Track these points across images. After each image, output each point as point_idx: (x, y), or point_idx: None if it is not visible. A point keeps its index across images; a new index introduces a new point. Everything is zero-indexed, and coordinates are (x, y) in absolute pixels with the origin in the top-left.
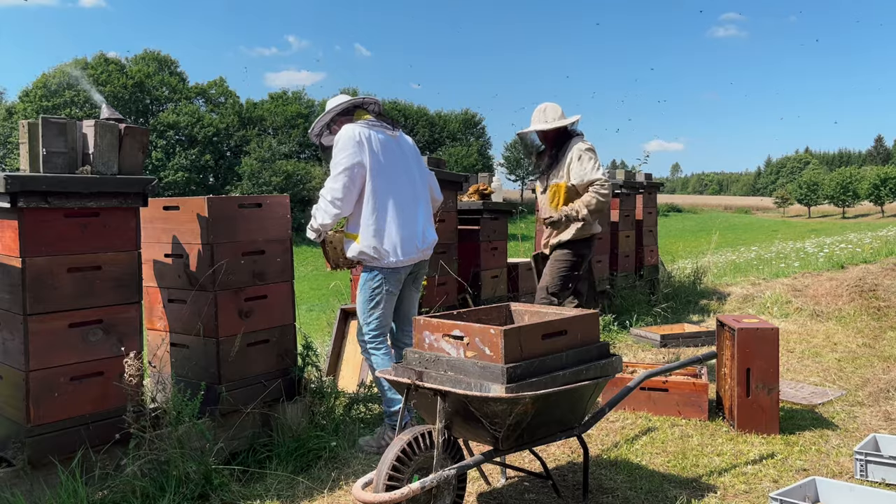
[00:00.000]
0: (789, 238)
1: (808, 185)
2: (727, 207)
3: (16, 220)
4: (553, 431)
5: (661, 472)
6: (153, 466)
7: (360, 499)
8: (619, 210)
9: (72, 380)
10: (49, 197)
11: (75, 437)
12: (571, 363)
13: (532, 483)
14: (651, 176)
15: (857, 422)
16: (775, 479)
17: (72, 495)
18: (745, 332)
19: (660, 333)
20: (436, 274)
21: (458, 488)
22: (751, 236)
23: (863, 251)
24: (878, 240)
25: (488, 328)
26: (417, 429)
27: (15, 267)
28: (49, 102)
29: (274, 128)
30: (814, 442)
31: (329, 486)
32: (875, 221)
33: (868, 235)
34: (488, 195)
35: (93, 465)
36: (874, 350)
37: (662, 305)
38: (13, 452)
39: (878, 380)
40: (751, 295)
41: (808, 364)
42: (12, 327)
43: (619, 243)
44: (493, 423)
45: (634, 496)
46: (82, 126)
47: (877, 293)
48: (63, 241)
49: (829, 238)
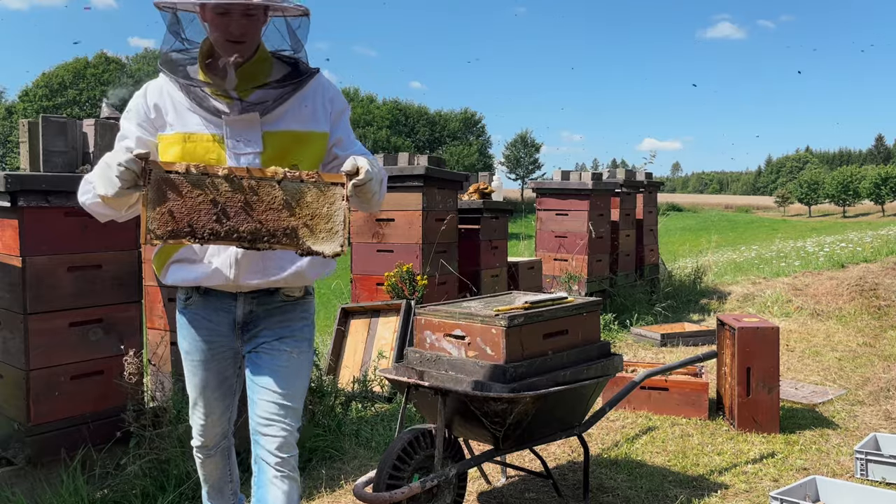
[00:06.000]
0: (790, 237)
1: (809, 185)
2: (728, 206)
3: (16, 220)
4: (554, 430)
5: (662, 472)
6: (153, 465)
7: (360, 498)
8: (620, 209)
9: (72, 379)
10: (49, 196)
11: (76, 435)
12: (572, 362)
13: (532, 482)
14: (651, 175)
15: (857, 421)
16: (776, 479)
17: (72, 494)
18: (745, 332)
19: (660, 332)
20: (436, 273)
21: (459, 487)
22: (751, 235)
23: (863, 250)
24: (879, 239)
25: (490, 328)
26: (418, 428)
27: (15, 266)
28: (49, 102)
29: None
30: (814, 441)
31: (329, 486)
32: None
33: (868, 234)
34: (489, 194)
35: (93, 464)
36: (874, 349)
37: (663, 304)
38: (14, 451)
39: (879, 379)
40: (751, 294)
41: (808, 363)
42: (12, 326)
43: (620, 242)
44: (493, 422)
45: (635, 495)
46: (82, 125)
47: (877, 292)
48: (63, 240)
49: (830, 237)
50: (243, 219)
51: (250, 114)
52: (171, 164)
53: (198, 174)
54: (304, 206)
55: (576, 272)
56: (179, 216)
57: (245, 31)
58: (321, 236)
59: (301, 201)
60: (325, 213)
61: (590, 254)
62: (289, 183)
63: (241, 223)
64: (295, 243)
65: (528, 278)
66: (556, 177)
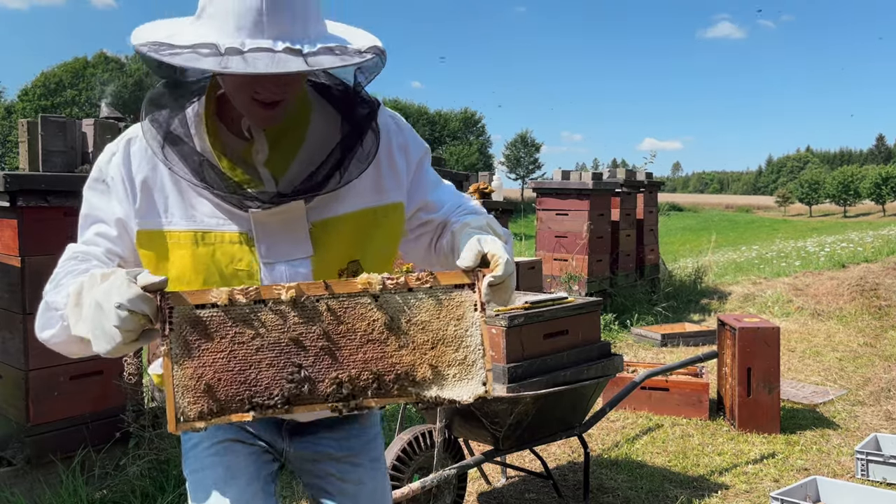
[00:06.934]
0: (790, 237)
1: (810, 184)
2: (728, 206)
3: (15, 220)
4: (554, 431)
5: (662, 472)
6: (153, 466)
7: None
8: (620, 209)
9: (71, 379)
10: (48, 196)
11: (75, 436)
12: (572, 362)
13: (532, 483)
14: (652, 175)
15: (858, 421)
16: (776, 479)
17: (72, 494)
18: (746, 332)
19: (660, 333)
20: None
21: (459, 488)
22: (752, 235)
23: (864, 250)
24: (880, 239)
25: (490, 328)
26: (418, 428)
27: (14, 266)
28: (48, 101)
29: None
30: (815, 441)
31: None
32: (876, 220)
33: (869, 234)
34: (489, 194)
35: (92, 465)
36: (875, 349)
37: (663, 304)
38: (13, 452)
39: (880, 379)
40: (752, 294)
41: (809, 363)
42: (12, 326)
43: (620, 242)
44: (493, 422)
45: (635, 496)
46: (81, 125)
47: (878, 292)
48: (63, 240)
49: (831, 237)
50: (329, 365)
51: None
52: (203, 294)
53: (248, 303)
54: (417, 329)
55: (576, 272)
56: (227, 379)
57: (282, 91)
58: (451, 372)
59: (412, 323)
60: (452, 336)
61: (590, 254)
62: (390, 296)
63: (327, 372)
64: (414, 392)
65: (528, 278)
66: (556, 176)
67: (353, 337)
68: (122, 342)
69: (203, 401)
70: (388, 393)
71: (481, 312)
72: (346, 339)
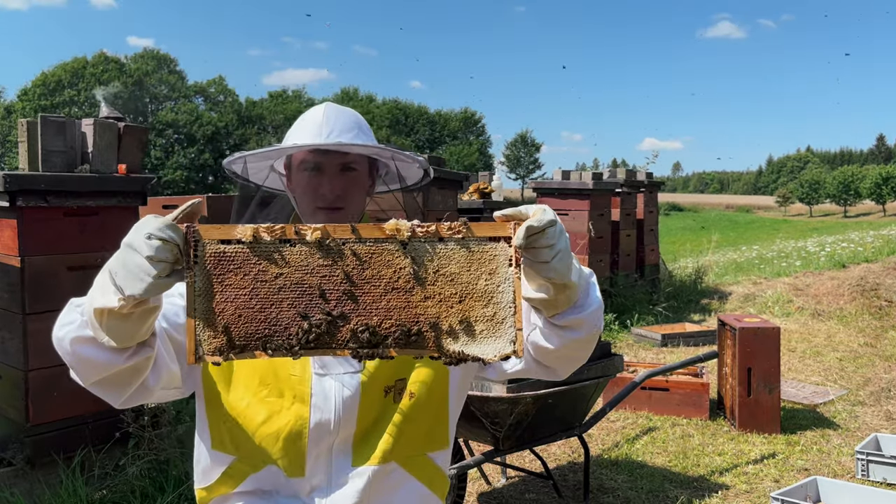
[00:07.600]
0: (791, 237)
1: (810, 184)
2: (729, 206)
3: (15, 220)
4: (554, 431)
5: (662, 472)
6: (152, 466)
7: None
8: (621, 209)
9: (71, 379)
10: (48, 196)
11: (75, 436)
12: None
13: (532, 483)
14: (652, 175)
15: (858, 421)
16: (776, 479)
17: (71, 494)
18: (746, 332)
19: (661, 333)
20: None
21: (459, 488)
22: (752, 235)
23: (864, 250)
24: (880, 239)
25: None
26: None
27: (14, 266)
28: (48, 101)
29: (273, 126)
30: (815, 441)
31: None
32: (877, 220)
33: (870, 234)
34: (489, 194)
35: (92, 465)
36: (876, 349)
37: (663, 304)
38: (13, 452)
39: (880, 379)
40: (752, 294)
41: (809, 363)
42: (11, 326)
43: (620, 242)
44: (493, 422)
45: (635, 496)
46: (81, 125)
47: (878, 292)
48: (62, 239)
49: (831, 237)
50: (350, 310)
51: None
52: (229, 229)
53: (273, 241)
54: (445, 281)
55: None
56: (248, 314)
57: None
58: (478, 328)
59: (441, 273)
60: (483, 290)
61: (590, 254)
62: (419, 244)
63: (348, 317)
64: (437, 346)
65: None
66: (556, 176)
67: (377, 283)
68: (156, 275)
69: (223, 336)
70: (410, 344)
71: (515, 268)
72: (371, 284)
